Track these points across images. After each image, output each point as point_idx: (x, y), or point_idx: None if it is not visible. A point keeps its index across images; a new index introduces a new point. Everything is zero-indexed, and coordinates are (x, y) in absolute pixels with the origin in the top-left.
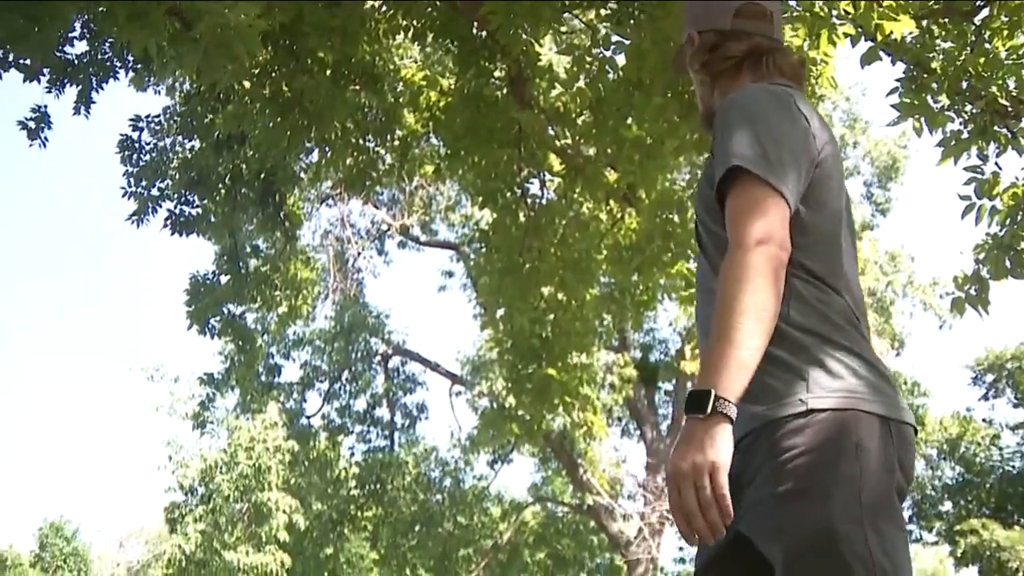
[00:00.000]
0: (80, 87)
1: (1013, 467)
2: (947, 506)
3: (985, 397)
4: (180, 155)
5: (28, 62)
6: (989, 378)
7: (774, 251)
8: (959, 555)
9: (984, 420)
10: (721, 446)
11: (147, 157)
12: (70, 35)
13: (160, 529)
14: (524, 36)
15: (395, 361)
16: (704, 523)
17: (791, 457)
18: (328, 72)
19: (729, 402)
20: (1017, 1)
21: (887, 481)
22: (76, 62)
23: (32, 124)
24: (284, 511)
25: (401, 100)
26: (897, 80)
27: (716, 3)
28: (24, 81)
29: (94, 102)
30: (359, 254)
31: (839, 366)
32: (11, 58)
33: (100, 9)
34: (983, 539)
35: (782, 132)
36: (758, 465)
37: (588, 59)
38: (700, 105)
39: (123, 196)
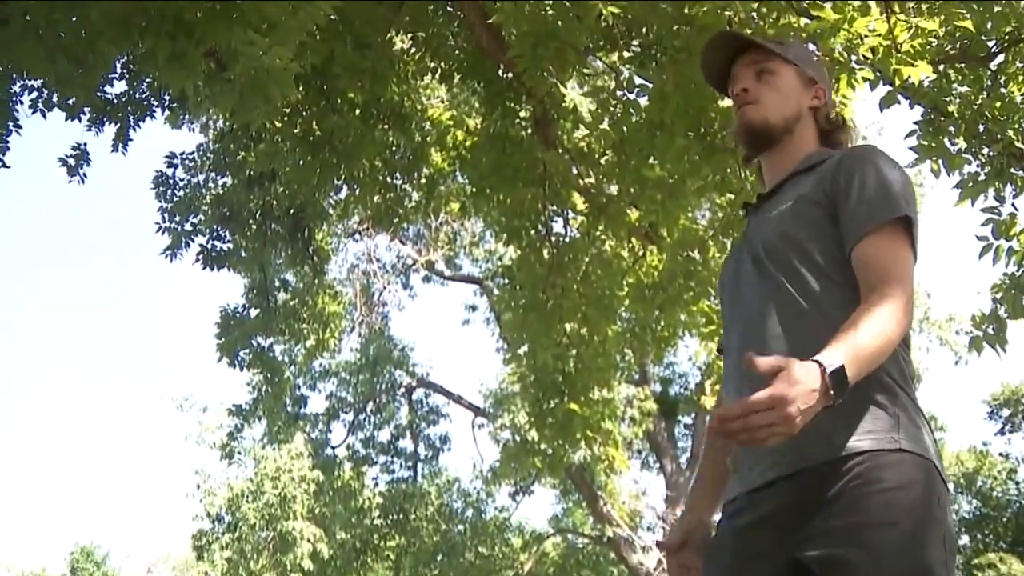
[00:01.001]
0: (118, 125)
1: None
2: (964, 540)
3: (1001, 432)
4: (213, 191)
5: (71, 102)
6: (1005, 413)
7: (913, 310)
8: None
9: (1001, 454)
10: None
11: (181, 193)
12: (109, 75)
13: (187, 556)
14: (549, 78)
15: (419, 393)
16: (761, 431)
17: (884, 489)
18: (358, 112)
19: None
20: None
21: (954, 535)
22: (115, 101)
23: (72, 161)
24: (308, 540)
25: (428, 139)
26: (915, 123)
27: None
28: (66, 120)
29: (131, 139)
30: (385, 288)
31: (919, 419)
32: (55, 99)
33: (141, 50)
34: (1001, 573)
35: (914, 201)
36: (836, 493)
37: (612, 101)
38: (775, 116)
39: (157, 231)
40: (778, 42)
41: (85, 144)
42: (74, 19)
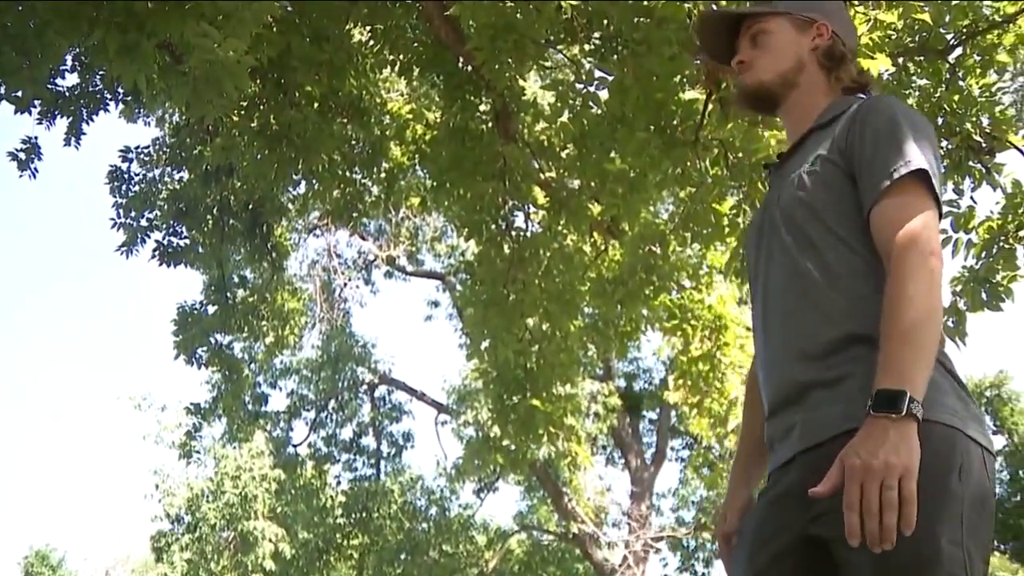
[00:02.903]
0: (71, 119)
1: (994, 494)
2: None
3: None
4: (169, 186)
5: (19, 94)
6: None
7: (941, 266)
8: None
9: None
10: (914, 450)
11: (136, 188)
12: (61, 68)
13: (146, 558)
14: (509, 71)
15: (381, 390)
16: (877, 525)
17: None
18: (315, 105)
19: (919, 404)
20: (988, 41)
21: (983, 511)
22: (67, 94)
23: (22, 155)
24: (270, 540)
25: (387, 133)
26: None
27: (850, 22)
28: (15, 113)
29: (84, 133)
30: (346, 284)
31: (946, 384)
32: (2, 91)
33: (91, 42)
34: None
35: (938, 158)
36: None
37: (572, 94)
38: (767, 74)
39: (112, 227)
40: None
41: (36, 138)
42: (20, 9)
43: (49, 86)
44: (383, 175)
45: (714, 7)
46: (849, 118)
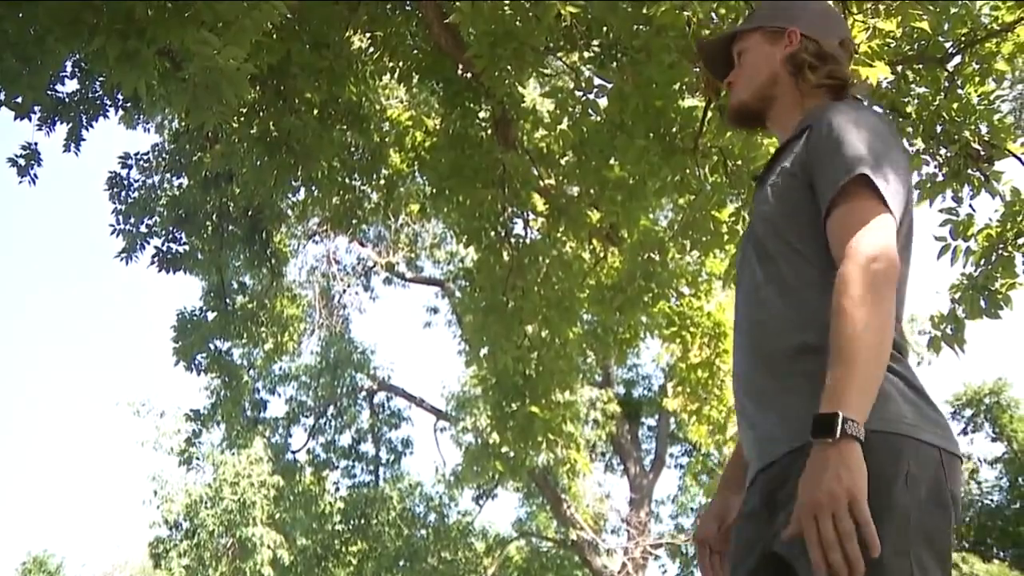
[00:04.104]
0: (70, 125)
1: (992, 501)
2: None
3: (964, 432)
4: (168, 192)
5: (19, 100)
6: (967, 413)
7: (888, 267)
8: None
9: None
10: (856, 471)
11: (135, 194)
12: (61, 74)
13: (144, 564)
14: (508, 78)
15: (380, 396)
16: (840, 558)
17: None
18: (315, 112)
19: (858, 423)
20: (987, 49)
21: (938, 515)
22: (67, 100)
23: (22, 161)
24: (269, 546)
25: (387, 140)
26: None
27: (829, 18)
28: (15, 119)
29: (84, 139)
30: (345, 290)
31: (892, 389)
32: (2, 97)
33: (92, 49)
34: (963, 573)
35: (895, 157)
36: (795, 485)
37: (571, 101)
38: (745, 93)
39: (112, 233)
40: (750, 16)
41: (36, 144)
42: (20, 15)
43: (49, 92)
44: (382, 182)
45: (713, 16)
46: (809, 127)
